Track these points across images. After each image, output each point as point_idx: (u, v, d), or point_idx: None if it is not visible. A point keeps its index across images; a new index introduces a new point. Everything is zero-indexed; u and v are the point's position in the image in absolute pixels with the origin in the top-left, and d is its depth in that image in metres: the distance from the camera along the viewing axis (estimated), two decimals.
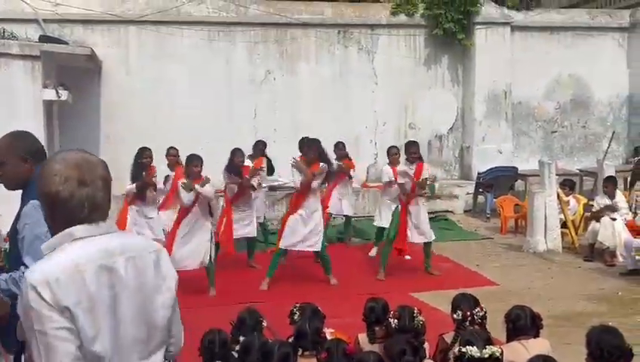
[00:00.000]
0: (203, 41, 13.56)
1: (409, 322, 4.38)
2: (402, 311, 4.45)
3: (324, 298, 5.31)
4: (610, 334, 3.72)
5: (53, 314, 2.03)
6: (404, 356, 3.75)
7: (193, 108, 13.23)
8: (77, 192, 2.18)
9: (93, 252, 2.15)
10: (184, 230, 8.14)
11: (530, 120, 15.38)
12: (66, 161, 2.22)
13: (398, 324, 4.38)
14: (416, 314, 4.42)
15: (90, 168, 2.24)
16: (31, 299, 2.04)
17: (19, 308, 2.10)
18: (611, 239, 9.47)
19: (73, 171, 2.19)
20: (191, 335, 4.22)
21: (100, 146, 13.01)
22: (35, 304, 2.03)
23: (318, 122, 13.04)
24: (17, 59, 10.75)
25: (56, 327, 2.03)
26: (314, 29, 14.12)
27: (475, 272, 9.24)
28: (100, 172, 2.27)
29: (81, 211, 2.18)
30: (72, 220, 2.18)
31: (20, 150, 3.47)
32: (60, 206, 2.18)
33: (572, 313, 7.31)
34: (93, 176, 2.23)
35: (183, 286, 8.16)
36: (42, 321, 2.02)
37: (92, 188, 2.21)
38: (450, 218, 13.04)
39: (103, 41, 13.09)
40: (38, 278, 2.05)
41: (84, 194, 2.18)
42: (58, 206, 2.18)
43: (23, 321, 2.09)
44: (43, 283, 2.04)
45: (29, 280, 2.06)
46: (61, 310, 2.04)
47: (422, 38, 14.63)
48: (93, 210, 2.20)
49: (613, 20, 15.62)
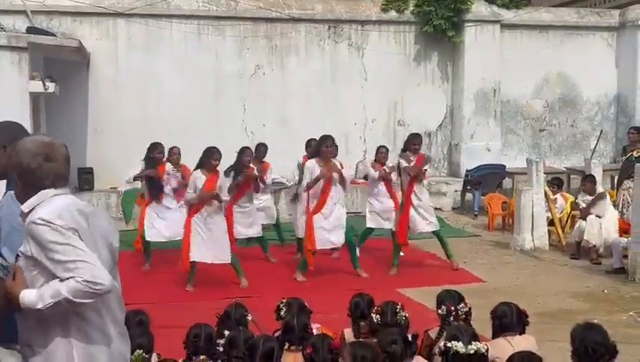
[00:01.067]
0: (192, 35, 13.50)
1: (391, 317, 4.38)
2: (385, 306, 4.46)
3: (310, 293, 5.31)
4: (595, 331, 3.74)
5: (66, 232, 2.68)
6: (394, 345, 3.75)
7: (182, 102, 13.18)
8: (43, 165, 2.82)
9: (72, 202, 2.83)
10: (200, 225, 8.10)
11: (518, 118, 15.44)
12: (35, 141, 2.90)
13: (380, 320, 4.38)
14: (398, 310, 4.43)
15: (55, 148, 2.89)
16: (43, 231, 2.67)
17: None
18: (597, 237, 9.53)
19: (40, 149, 2.84)
20: (179, 331, 4.20)
21: (88, 139, 12.95)
22: (48, 233, 2.66)
23: (307, 118, 13.04)
24: (4, 50, 10.66)
25: (71, 238, 2.67)
26: (304, 24, 14.09)
27: (461, 269, 9.26)
28: (63, 151, 2.92)
29: (47, 180, 2.82)
30: (38, 187, 2.81)
31: (4, 140, 3.46)
32: (29, 175, 2.81)
33: (558, 310, 7.35)
34: (57, 154, 2.88)
35: (177, 282, 8.11)
36: (64, 236, 2.67)
37: (56, 163, 2.86)
38: (438, 215, 13.02)
39: (91, 33, 13.00)
40: (45, 215, 2.69)
41: (48, 167, 2.83)
42: (28, 175, 2.82)
43: (35, 254, 2.69)
44: (51, 215, 2.69)
45: (40, 219, 2.68)
46: (71, 230, 2.70)
47: (412, 35, 14.64)
48: (57, 180, 2.86)
49: (602, 20, 15.68)
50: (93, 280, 2.64)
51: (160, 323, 4.83)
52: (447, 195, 13.95)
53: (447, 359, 3.71)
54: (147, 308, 4.72)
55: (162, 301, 7.42)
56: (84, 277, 2.63)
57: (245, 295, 7.33)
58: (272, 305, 4.83)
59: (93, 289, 2.64)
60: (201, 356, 4.01)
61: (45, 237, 2.67)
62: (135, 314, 4.41)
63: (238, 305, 4.74)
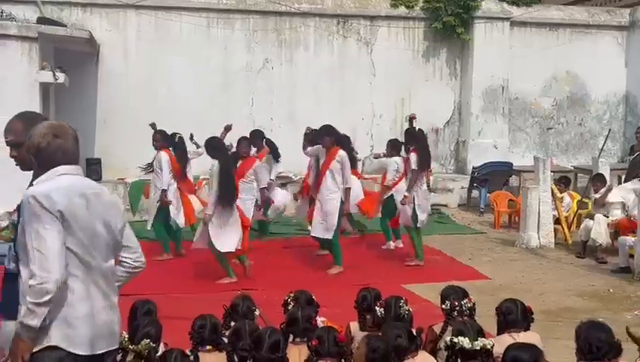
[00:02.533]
0: (201, 28, 13.51)
1: (395, 312, 4.41)
2: (390, 301, 4.48)
3: (315, 287, 5.33)
4: (599, 329, 3.74)
5: (44, 215, 2.95)
6: (400, 339, 3.78)
7: (190, 94, 13.21)
8: (52, 142, 3.13)
9: (75, 183, 3.14)
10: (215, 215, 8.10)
11: (526, 116, 15.40)
12: (44, 125, 3.23)
13: (384, 314, 4.41)
14: (402, 304, 4.45)
15: (62, 128, 3.22)
16: (27, 207, 2.98)
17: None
18: (604, 236, 9.51)
19: (49, 130, 3.17)
20: (183, 323, 4.23)
21: (96, 130, 13.00)
22: (28, 210, 2.97)
23: (315, 112, 13.02)
24: (15, 40, 10.72)
25: (49, 225, 2.96)
26: (313, 19, 14.08)
27: (467, 266, 9.27)
28: (71, 131, 3.23)
29: (56, 155, 3.13)
30: (51, 163, 3.13)
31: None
32: (42, 152, 3.14)
33: (562, 308, 7.35)
34: (64, 132, 3.19)
35: (182, 273, 8.17)
36: (40, 221, 2.95)
37: (63, 140, 3.16)
38: (444, 211, 13.08)
39: (101, 24, 13.04)
40: (36, 192, 3.01)
41: (57, 143, 3.14)
42: (40, 153, 3.14)
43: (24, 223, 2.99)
44: (41, 194, 2.99)
45: (31, 194, 3.00)
46: (54, 213, 2.97)
47: (421, 31, 14.61)
48: (65, 154, 3.15)
49: (612, 18, 15.62)
50: (40, 273, 2.91)
51: (164, 314, 4.86)
52: (453, 192, 13.94)
53: (452, 354, 3.73)
54: (151, 299, 4.75)
55: (167, 292, 7.43)
56: (33, 271, 2.92)
57: (251, 287, 7.36)
58: (278, 299, 4.86)
59: (40, 285, 2.90)
60: (207, 346, 4.03)
61: (26, 213, 2.99)
62: (143, 304, 4.45)
63: (245, 297, 4.76)
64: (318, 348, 3.73)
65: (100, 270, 3.18)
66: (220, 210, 8.04)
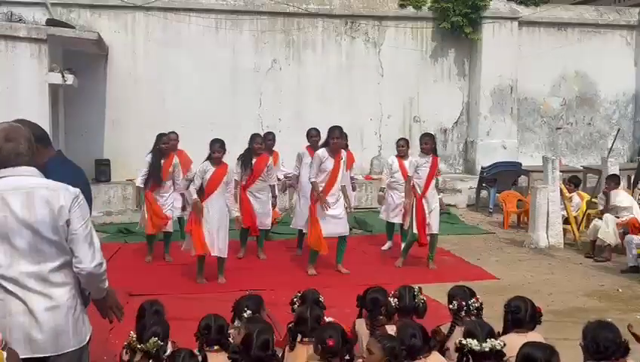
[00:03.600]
0: (210, 29, 13.56)
1: (409, 301, 4.39)
2: (403, 290, 4.47)
3: (321, 288, 5.33)
4: (607, 329, 3.73)
5: None
6: (414, 339, 3.78)
7: (198, 95, 13.26)
8: (4, 146, 3.19)
9: (7, 183, 3.14)
10: (206, 217, 8.08)
11: (535, 116, 15.37)
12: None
13: (399, 304, 4.40)
14: (417, 293, 4.44)
15: (15, 130, 3.25)
16: None
17: None
18: (612, 236, 9.48)
19: (1, 133, 3.20)
20: (190, 323, 4.23)
21: (105, 131, 13.06)
22: None
23: (323, 113, 13.04)
24: (24, 42, 10.79)
25: None
26: (321, 19, 14.10)
27: (475, 266, 9.25)
28: (23, 133, 3.26)
29: (9, 157, 3.18)
30: (4, 165, 3.17)
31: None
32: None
33: (571, 308, 7.33)
34: (17, 135, 3.22)
35: (187, 274, 8.18)
36: None
37: (15, 143, 3.20)
38: (452, 212, 13.05)
39: (109, 26, 13.10)
40: None
41: (9, 146, 3.19)
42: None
43: None
44: None
45: None
46: None
47: (429, 31, 14.60)
48: (17, 157, 3.19)
49: (621, 18, 15.56)
50: None
51: (172, 314, 4.87)
52: (462, 192, 13.93)
53: (463, 356, 3.73)
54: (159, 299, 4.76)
55: (173, 293, 7.44)
56: None
57: (257, 288, 7.37)
58: (285, 299, 4.85)
59: None
60: (214, 346, 4.04)
61: None
62: (151, 304, 4.47)
63: (254, 297, 4.75)
64: (335, 347, 3.71)
65: (23, 273, 3.11)
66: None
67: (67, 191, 3.21)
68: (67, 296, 3.22)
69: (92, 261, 3.21)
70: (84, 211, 3.24)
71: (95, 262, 3.22)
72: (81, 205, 3.23)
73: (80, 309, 3.30)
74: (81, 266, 3.20)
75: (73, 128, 12.47)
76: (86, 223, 3.23)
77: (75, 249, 3.19)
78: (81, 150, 11.72)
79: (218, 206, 8.09)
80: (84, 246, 3.20)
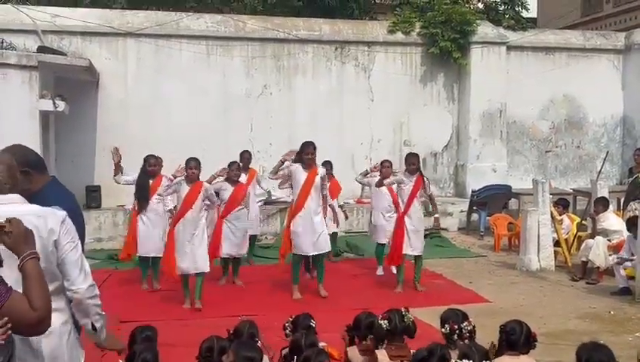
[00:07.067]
0: (201, 55, 13.63)
1: (399, 322, 4.40)
2: (391, 313, 4.48)
3: (314, 312, 5.31)
4: (600, 351, 3.74)
5: None
6: None
7: (190, 121, 13.29)
8: None
9: None
10: (180, 237, 8.10)
11: (524, 139, 15.49)
12: None
13: (389, 326, 4.40)
14: (405, 313, 4.45)
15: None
16: None
17: None
18: (602, 259, 9.50)
19: None
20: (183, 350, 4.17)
21: (96, 158, 13.02)
22: None
23: (314, 137, 12.81)
24: (15, 69, 10.80)
25: None
26: (311, 45, 14.22)
27: (467, 289, 9.25)
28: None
29: None
30: None
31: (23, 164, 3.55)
32: None
33: (564, 331, 7.32)
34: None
35: (176, 299, 8.09)
36: None
37: None
38: (444, 235, 13.06)
39: (101, 53, 13.16)
40: None
41: None
42: None
43: None
44: None
45: None
46: None
47: (418, 56, 14.74)
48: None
49: (608, 42, 15.76)
50: None
51: (164, 340, 4.83)
52: (453, 216, 13.96)
53: None
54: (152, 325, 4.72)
55: (165, 318, 7.38)
56: None
57: (250, 313, 7.33)
58: (277, 323, 4.83)
59: None
60: None
61: None
62: (143, 330, 4.43)
63: (251, 323, 4.70)
64: None
65: None
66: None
67: (54, 215, 3.16)
68: (60, 321, 3.16)
69: (84, 282, 3.18)
70: (72, 234, 3.20)
71: (87, 283, 3.19)
72: (68, 228, 3.18)
73: (74, 334, 3.27)
74: (74, 288, 3.16)
75: (64, 154, 12.45)
76: (76, 246, 3.19)
77: (66, 272, 3.15)
78: (71, 176, 11.66)
79: (195, 224, 8.10)
80: (75, 269, 3.16)
